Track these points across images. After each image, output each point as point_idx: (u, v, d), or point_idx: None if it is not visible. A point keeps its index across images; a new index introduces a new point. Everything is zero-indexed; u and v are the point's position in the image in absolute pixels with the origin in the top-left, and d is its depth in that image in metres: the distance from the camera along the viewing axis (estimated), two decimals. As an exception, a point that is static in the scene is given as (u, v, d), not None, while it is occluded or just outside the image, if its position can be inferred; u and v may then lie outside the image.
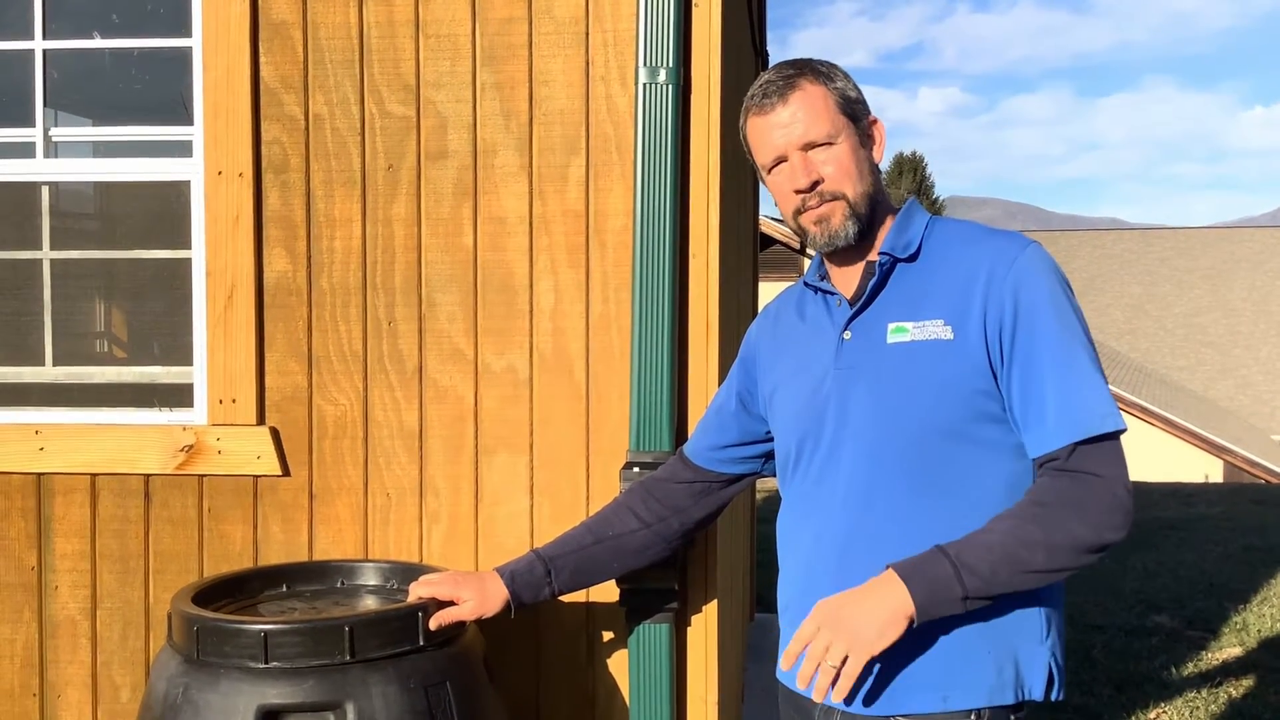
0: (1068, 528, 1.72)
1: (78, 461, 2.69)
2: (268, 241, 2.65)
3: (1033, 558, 1.71)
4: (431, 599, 2.10)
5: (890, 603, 1.71)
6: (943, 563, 1.72)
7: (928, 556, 1.74)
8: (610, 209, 2.55)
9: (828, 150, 1.88)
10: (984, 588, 1.72)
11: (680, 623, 2.53)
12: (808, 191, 1.88)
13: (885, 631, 1.70)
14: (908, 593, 1.70)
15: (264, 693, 1.95)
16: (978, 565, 1.71)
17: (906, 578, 1.72)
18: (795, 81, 1.89)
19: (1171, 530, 8.80)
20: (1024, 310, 1.79)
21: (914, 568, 1.73)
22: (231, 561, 2.66)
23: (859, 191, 1.89)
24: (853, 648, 1.69)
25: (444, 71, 2.59)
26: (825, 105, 1.89)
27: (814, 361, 1.94)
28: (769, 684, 2.07)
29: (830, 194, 1.88)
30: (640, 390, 2.46)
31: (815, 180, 1.87)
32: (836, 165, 1.88)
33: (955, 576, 1.71)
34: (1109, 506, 1.73)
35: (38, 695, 2.72)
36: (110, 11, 2.91)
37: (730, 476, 2.19)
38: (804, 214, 1.90)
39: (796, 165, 1.88)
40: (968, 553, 1.72)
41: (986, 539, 1.74)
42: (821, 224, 1.89)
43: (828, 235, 1.89)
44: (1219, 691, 5.11)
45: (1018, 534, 1.73)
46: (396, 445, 2.62)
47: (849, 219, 1.88)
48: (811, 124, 1.87)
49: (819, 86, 1.89)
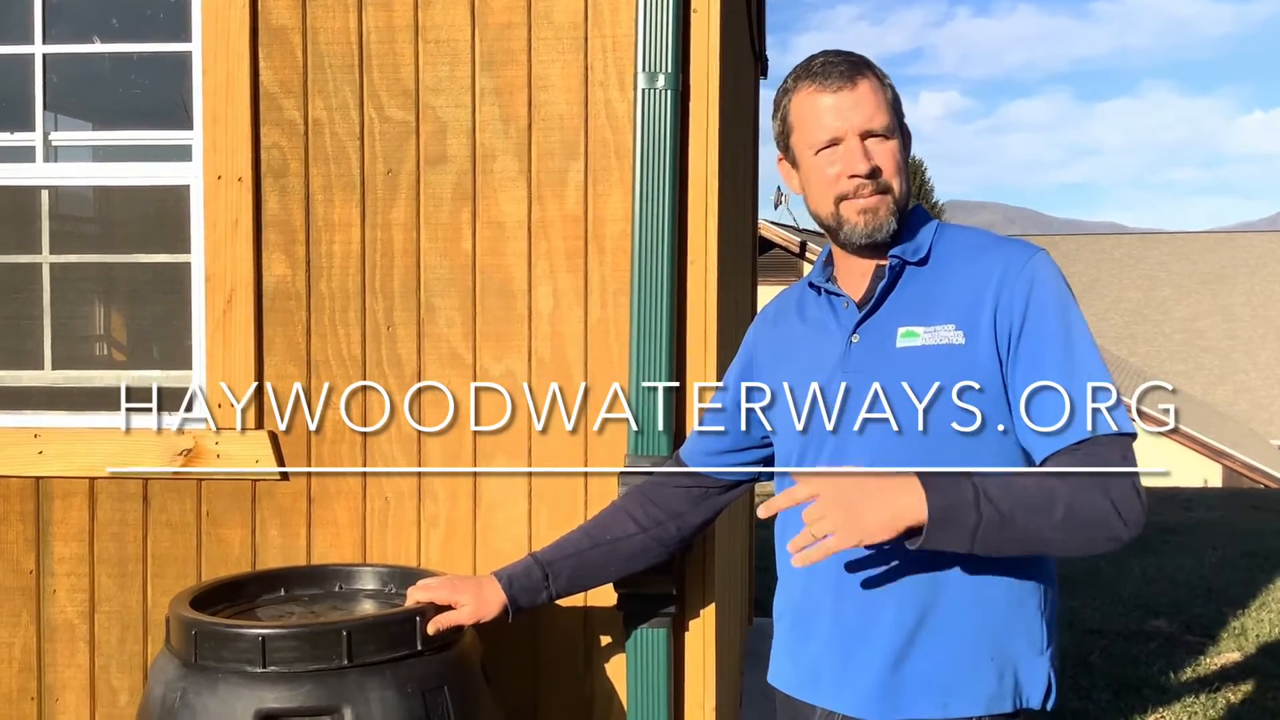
0: (1091, 497, 1.69)
1: (76, 465, 2.69)
2: (267, 246, 2.65)
3: (1053, 514, 1.68)
4: (429, 603, 2.10)
5: (902, 501, 1.65)
6: (966, 485, 1.68)
7: (953, 476, 1.69)
8: (609, 214, 2.55)
9: (884, 143, 1.87)
10: (998, 523, 1.66)
11: (678, 627, 2.53)
12: (865, 178, 1.85)
13: (885, 527, 1.65)
14: (924, 499, 1.65)
15: (262, 697, 1.95)
16: (1000, 498, 1.67)
17: (927, 485, 1.66)
18: (861, 69, 1.89)
19: (1170, 535, 8.80)
20: (1033, 313, 1.79)
21: (937, 479, 1.68)
22: (230, 565, 2.66)
23: (902, 190, 1.89)
24: (844, 528, 1.64)
25: (443, 76, 2.59)
26: (884, 99, 1.89)
27: (819, 363, 1.93)
28: (767, 689, 2.07)
29: (884, 185, 1.87)
30: (638, 394, 2.46)
31: (875, 168, 1.86)
32: (891, 159, 1.87)
33: (975, 502, 1.66)
34: (1128, 494, 1.71)
35: (35, 699, 2.72)
36: (110, 16, 2.91)
37: (727, 482, 2.19)
38: (850, 201, 1.87)
39: (855, 149, 1.85)
40: (992, 485, 1.69)
41: (1013, 479, 1.71)
42: (867, 214, 1.87)
43: (872, 227, 1.87)
44: (1217, 697, 5.11)
45: (1044, 484, 1.70)
46: (395, 449, 2.62)
47: (892, 214, 1.88)
48: (876, 113, 1.86)
49: (879, 80, 1.90)
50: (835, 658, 1.88)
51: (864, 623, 1.85)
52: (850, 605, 1.86)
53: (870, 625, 1.84)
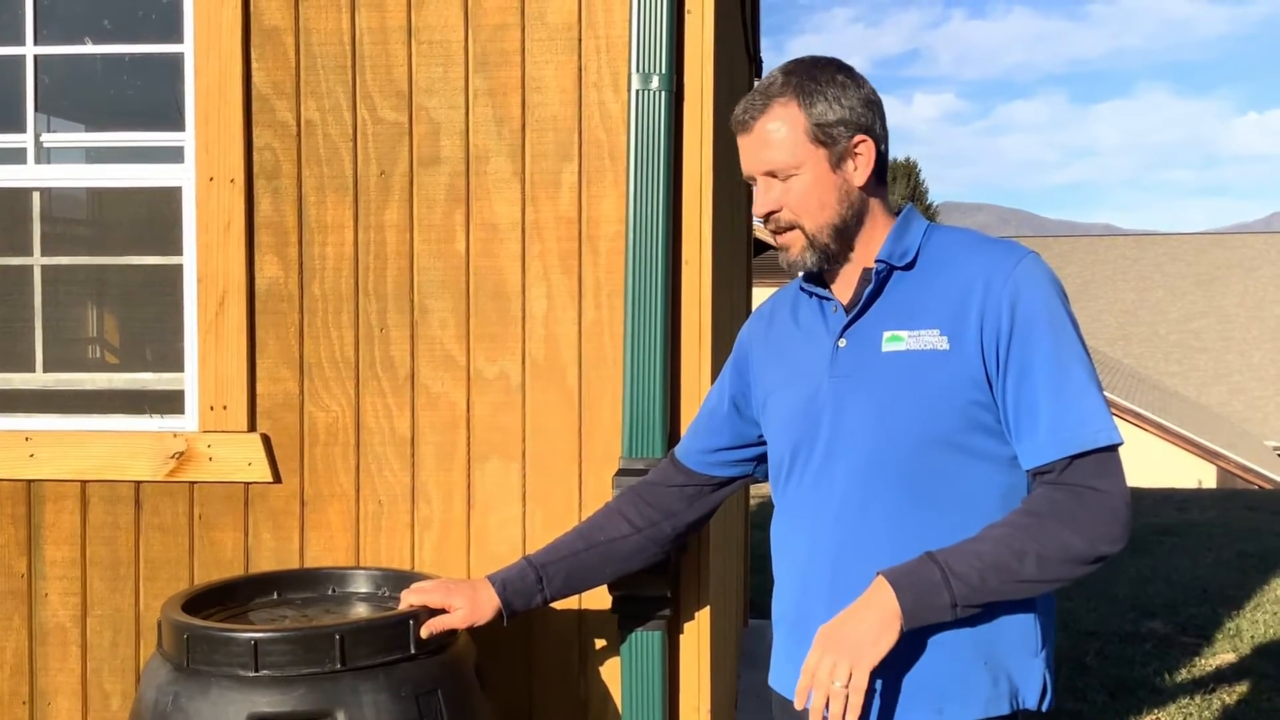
0: (1060, 538, 1.72)
1: (68, 468, 2.68)
2: (259, 247, 2.64)
3: (1023, 567, 1.72)
4: (423, 606, 2.09)
5: (880, 610, 1.71)
6: (932, 569, 1.72)
7: (917, 563, 1.74)
8: (603, 215, 2.55)
9: (788, 182, 1.89)
10: (973, 595, 1.72)
11: (673, 629, 2.52)
12: (764, 219, 1.92)
13: (880, 638, 1.70)
14: (895, 598, 1.71)
15: (254, 701, 1.94)
16: (967, 573, 1.71)
17: (895, 584, 1.72)
18: (769, 105, 1.88)
19: (1165, 536, 8.80)
20: (1020, 322, 1.79)
21: (903, 574, 1.73)
22: (222, 569, 2.65)
23: (820, 222, 1.88)
24: (854, 662, 1.69)
25: (436, 77, 2.58)
26: (791, 134, 1.86)
27: (809, 368, 1.94)
28: (763, 690, 2.07)
29: (786, 224, 1.90)
30: (633, 397, 2.45)
31: (770, 211, 1.91)
32: (795, 197, 1.88)
33: (944, 583, 1.71)
34: (1104, 519, 1.73)
35: (27, 703, 2.71)
36: (102, 17, 2.90)
37: (722, 480, 2.19)
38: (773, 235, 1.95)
39: (759, 192, 1.92)
40: (957, 560, 1.72)
41: (977, 547, 1.74)
42: (783, 251, 1.93)
43: (788, 262, 1.93)
44: (1212, 698, 5.11)
45: (1009, 543, 1.73)
46: (388, 452, 2.62)
47: (807, 249, 1.90)
48: (774, 153, 1.87)
49: (794, 110, 1.86)
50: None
51: None
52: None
53: None
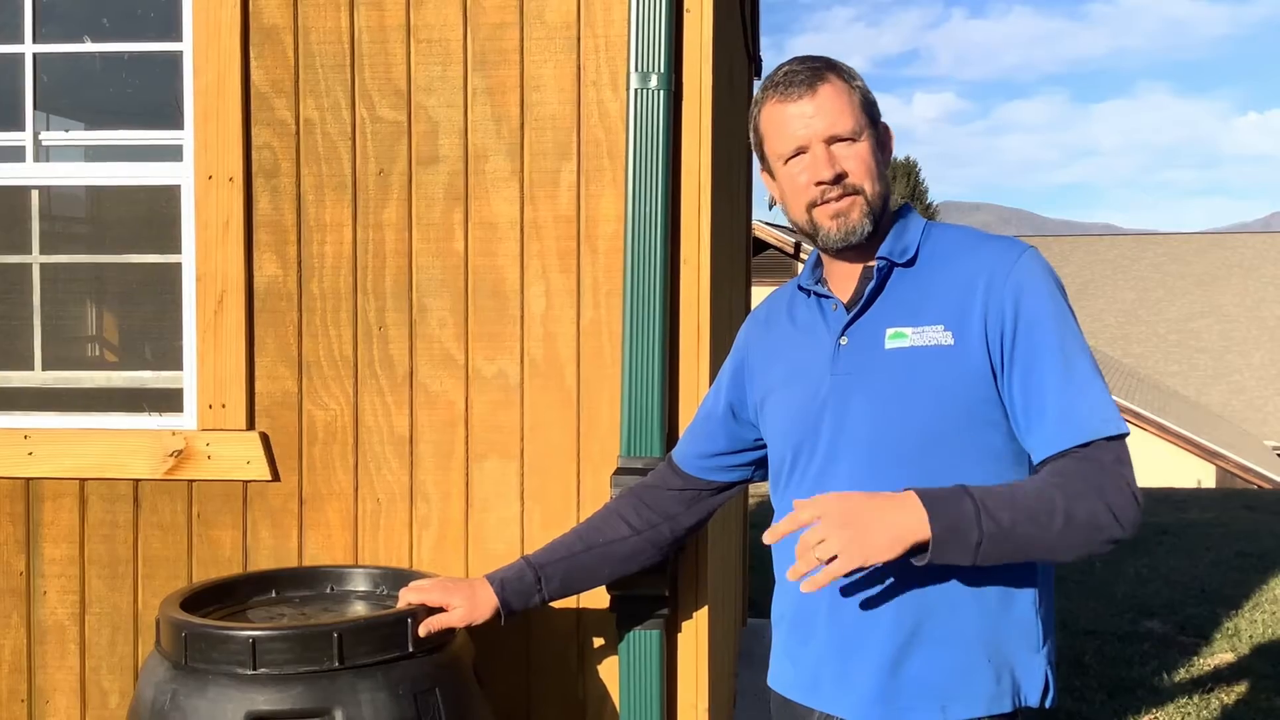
0: (1090, 506, 1.70)
1: (66, 466, 2.68)
2: (258, 246, 2.64)
3: (1051, 522, 1.68)
4: (421, 605, 2.09)
5: (905, 521, 1.65)
6: (966, 501, 1.67)
7: (951, 492, 1.69)
8: (601, 214, 2.55)
9: (851, 146, 1.86)
10: (1000, 537, 1.66)
11: (671, 629, 2.52)
12: (830, 183, 1.85)
13: (891, 547, 1.64)
14: (927, 518, 1.65)
15: (252, 699, 1.94)
16: (999, 512, 1.67)
17: (929, 504, 1.66)
18: (822, 74, 1.87)
19: (1164, 536, 8.80)
20: (1024, 315, 1.79)
21: (937, 497, 1.67)
22: (221, 567, 2.65)
23: (876, 190, 1.88)
24: (848, 549, 1.63)
25: (435, 76, 2.58)
26: (850, 101, 1.87)
27: (809, 367, 1.93)
28: (761, 690, 2.07)
29: (852, 188, 1.86)
30: (631, 396, 2.45)
31: (840, 173, 1.85)
32: (859, 161, 1.86)
33: (976, 518, 1.66)
34: (1126, 499, 1.72)
35: (25, 701, 2.71)
36: (101, 15, 2.90)
37: (719, 484, 2.18)
38: (820, 207, 1.87)
39: (820, 157, 1.85)
40: (991, 499, 1.68)
41: (1009, 492, 1.71)
42: (839, 218, 1.87)
43: (844, 230, 1.87)
44: (1211, 697, 5.12)
45: (1042, 494, 1.70)
46: (387, 451, 2.62)
47: (866, 216, 1.87)
48: (838, 118, 1.86)
49: (844, 83, 1.88)
50: (833, 662, 1.88)
51: (861, 628, 1.84)
52: (847, 610, 1.85)
53: (867, 630, 1.84)
